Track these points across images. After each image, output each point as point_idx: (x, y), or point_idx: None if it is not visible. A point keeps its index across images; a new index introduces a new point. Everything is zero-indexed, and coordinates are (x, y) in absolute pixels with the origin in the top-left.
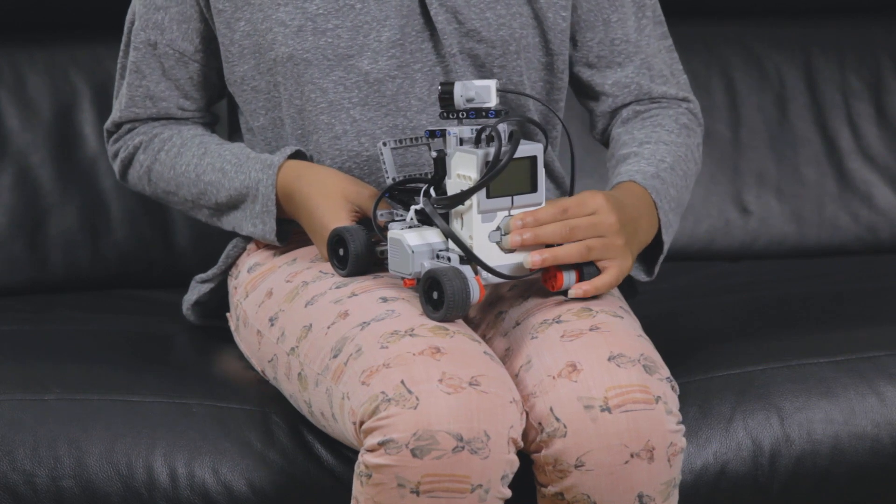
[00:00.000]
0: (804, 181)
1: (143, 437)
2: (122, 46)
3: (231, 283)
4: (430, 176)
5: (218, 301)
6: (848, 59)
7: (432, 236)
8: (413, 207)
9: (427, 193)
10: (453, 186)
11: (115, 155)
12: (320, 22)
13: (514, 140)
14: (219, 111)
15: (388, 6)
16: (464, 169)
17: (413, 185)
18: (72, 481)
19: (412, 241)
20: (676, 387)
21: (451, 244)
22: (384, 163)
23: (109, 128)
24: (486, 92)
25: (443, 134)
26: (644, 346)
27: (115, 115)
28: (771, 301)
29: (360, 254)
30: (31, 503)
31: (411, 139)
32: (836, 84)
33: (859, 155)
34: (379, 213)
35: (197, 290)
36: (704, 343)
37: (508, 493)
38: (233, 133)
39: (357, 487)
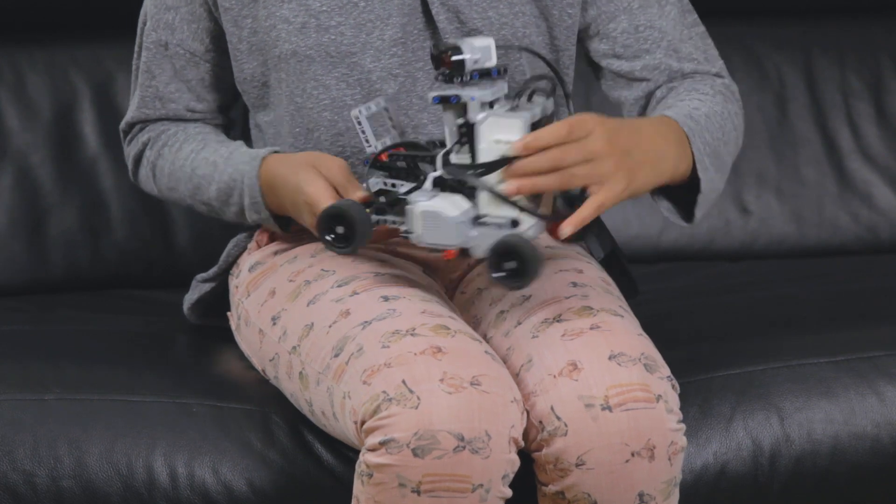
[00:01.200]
0: (804, 181)
1: (143, 436)
2: (136, 48)
3: (232, 282)
4: (413, 142)
5: (219, 301)
6: (848, 59)
7: (463, 203)
8: (432, 175)
9: (446, 160)
10: (489, 153)
11: (129, 155)
12: (323, 19)
13: (551, 100)
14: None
15: (390, 4)
16: (503, 134)
17: (398, 152)
18: (72, 481)
19: (450, 211)
20: (677, 385)
21: (489, 210)
22: (363, 132)
23: (123, 128)
24: (487, 52)
25: (458, 100)
26: (644, 345)
27: (127, 115)
28: (771, 301)
29: (366, 227)
30: (31, 503)
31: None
32: (836, 84)
33: (859, 155)
34: (371, 182)
35: (198, 289)
36: (704, 343)
37: (509, 492)
38: (248, 137)
39: (358, 487)
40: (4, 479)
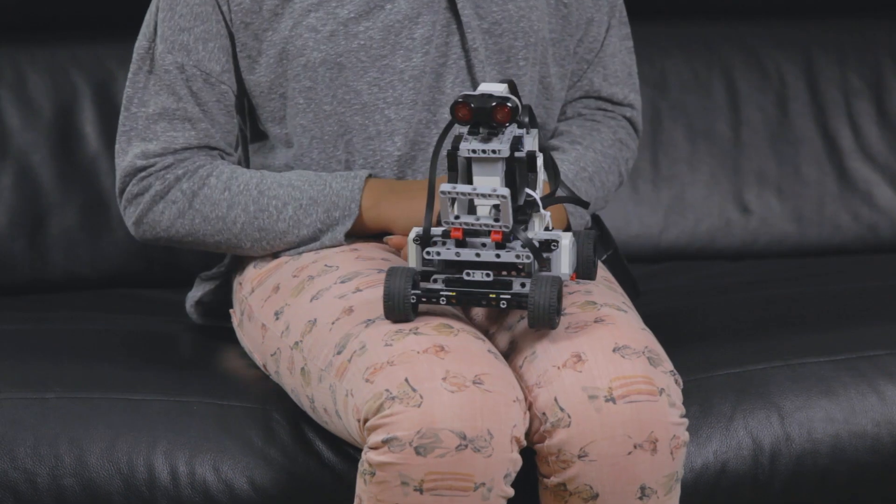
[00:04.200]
0: (805, 180)
1: (144, 435)
2: (138, 75)
3: (236, 279)
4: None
5: (221, 300)
6: (849, 58)
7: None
8: (546, 214)
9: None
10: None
11: (139, 199)
12: (351, 25)
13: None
14: None
15: (418, 2)
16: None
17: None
18: (73, 480)
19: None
20: (680, 381)
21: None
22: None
23: (137, 167)
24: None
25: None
26: (648, 339)
27: (142, 148)
28: (771, 301)
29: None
30: (32, 502)
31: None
32: (836, 83)
33: (860, 154)
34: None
35: (202, 287)
36: (705, 342)
37: (511, 491)
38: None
39: (360, 486)
40: (5, 477)
